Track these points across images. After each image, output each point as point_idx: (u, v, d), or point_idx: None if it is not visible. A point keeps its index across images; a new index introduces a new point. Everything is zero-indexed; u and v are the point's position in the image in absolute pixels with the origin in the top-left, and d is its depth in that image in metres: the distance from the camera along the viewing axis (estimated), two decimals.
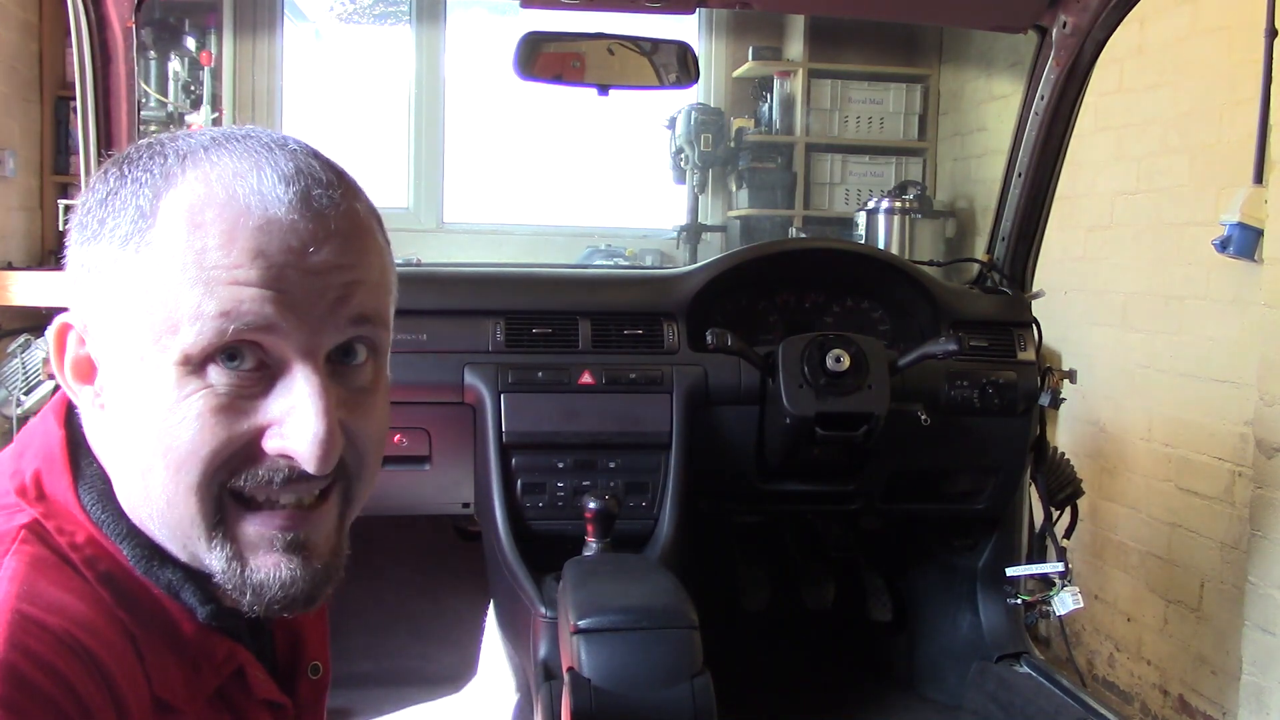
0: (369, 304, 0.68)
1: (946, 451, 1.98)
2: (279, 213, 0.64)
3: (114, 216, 0.66)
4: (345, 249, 0.67)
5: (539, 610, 1.68)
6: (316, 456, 0.64)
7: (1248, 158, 2.54)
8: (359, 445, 0.69)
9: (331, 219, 0.66)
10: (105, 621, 0.64)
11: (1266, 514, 2.46)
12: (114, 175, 0.68)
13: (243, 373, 0.65)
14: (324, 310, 0.66)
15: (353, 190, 0.70)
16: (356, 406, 0.69)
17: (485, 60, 4.70)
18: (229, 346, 0.64)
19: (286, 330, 0.65)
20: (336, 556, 0.70)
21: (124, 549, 0.68)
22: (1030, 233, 2.06)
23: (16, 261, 3.62)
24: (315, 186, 0.66)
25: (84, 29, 1.59)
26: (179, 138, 0.69)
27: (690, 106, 4.59)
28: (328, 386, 0.66)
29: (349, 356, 0.69)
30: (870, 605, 2.30)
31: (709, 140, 4.54)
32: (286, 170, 0.66)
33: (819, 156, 4.69)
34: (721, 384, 1.89)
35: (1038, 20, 1.85)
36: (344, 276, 0.67)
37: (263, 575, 0.67)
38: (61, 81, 3.89)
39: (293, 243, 0.64)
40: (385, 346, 0.73)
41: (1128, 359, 3.09)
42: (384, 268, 0.71)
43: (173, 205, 0.65)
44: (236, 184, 0.65)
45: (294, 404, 0.65)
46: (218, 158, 0.66)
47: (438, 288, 1.94)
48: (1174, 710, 2.86)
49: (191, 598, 0.69)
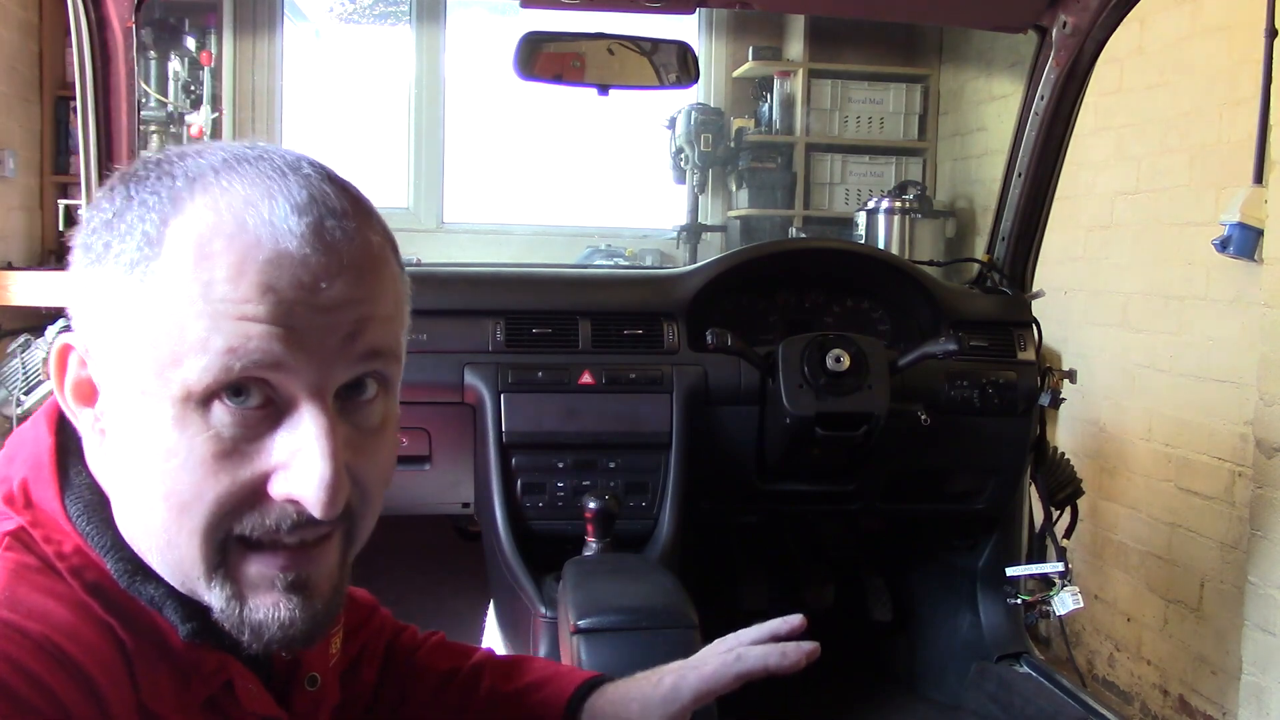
0: (380, 339, 0.66)
1: (946, 451, 1.97)
2: (290, 246, 0.62)
3: (120, 241, 0.64)
4: (358, 283, 0.64)
5: (539, 610, 1.68)
6: (323, 502, 0.63)
7: (1248, 158, 2.54)
8: (364, 486, 0.68)
9: (345, 252, 0.64)
10: (91, 628, 0.63)
11: (1266, 514, 2.46)
12: (120, 195, 0.66)
13: (248, 410, 0.63)
14: (334, 347, 0.64)
15: (368, 218, 0.67)
16: (363, 448, 0.67)
17: (485, 60, 4.71)
18: (235, 383, 0.62)
19: (295, 368, 0.63)
20: (337, 594, 0.69)
21: (108, 561, 0.66)
22: (1030, 233, 2.06)
23: (16, 261, 3.62)
24: (329, 217, 0.64)
25: (84, 29, 1.59)
26: (188, 156, 0.67)
27: (690, 106, 4.59)
28: (335, 427, 0.64)
29: (359, 391, 0.67)
30: (870, 605, 2.30)
31: (709, 140, 4.54)
32: (300, 199, 0.63)
33: (819, 156, 4.69)
34: (721, 384, 1.89)
35: (1038, 20, 1.85)
36: (355, 312, 0.64)
37: (261, 615, 0.65)
38: (61, 81, 3.90)
39: (304, 278, 0.62)
40: (396, 380, 0.70)
41: (1128, 359, 3.09)
42: (398, 299, 0.69)
43: (180, 234, 0.62)
44: (247, 213, 0.62)
45: (300, 445, 0.63)
46: (228, 183, 0.64)
47: (438, 288, 1.94)
48: (1174, 710, 2.86)
49: (173, 615, 0.67)
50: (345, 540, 0.69)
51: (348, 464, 0.65)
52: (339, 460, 0.63)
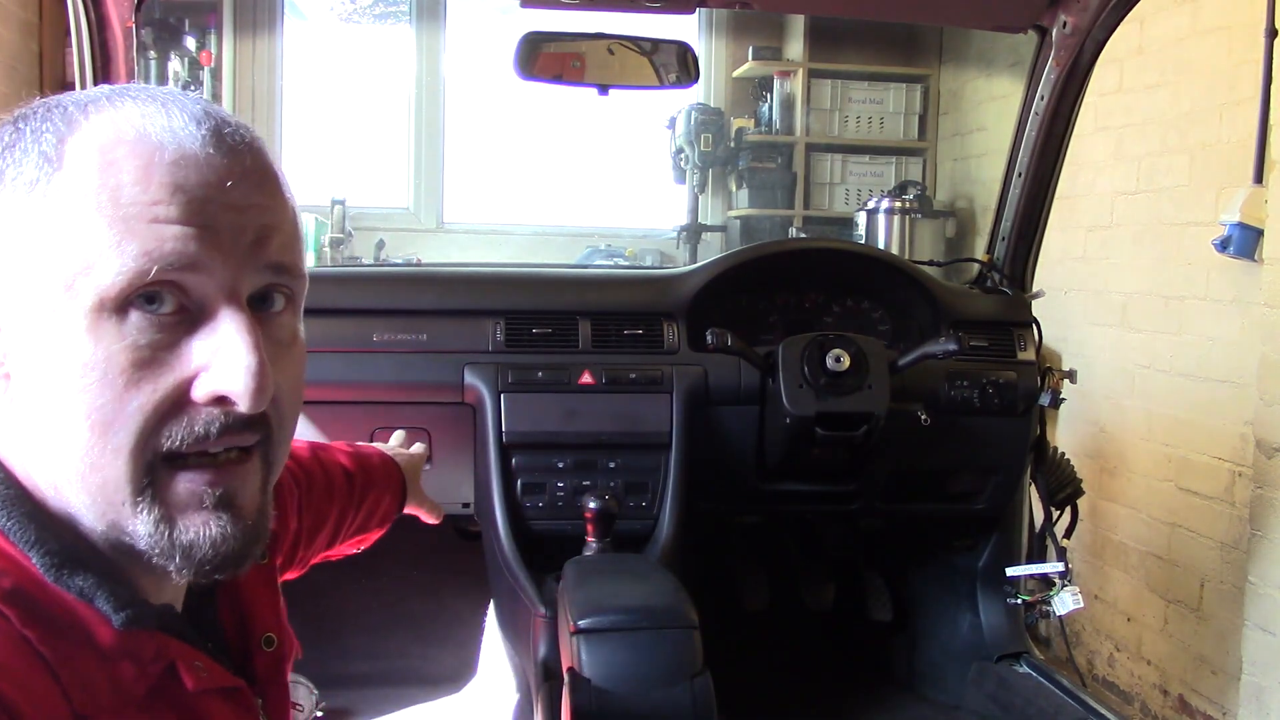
0: (286, 253, 0.67)
1: (946, 451, 1.98)
2: (194, 147, 0.63)
3: (14, 166, 0.63)
4: (261, 187, 0.66)
5: (539, 610, 1.68)
6: (251, 390, 0.62)
7: (1248, 158, 2.54)
8: (278, 400, 0.66)
9: (246, 156, 0.65)
10: (6, 648, 0.59)
11: (1266, 514, 2.46)
12: (9, 131, 0.65)
13: (164, 316, 0.62)
14: (245, 249, 0.64)
15: (260, 139, 0.68)
16: (276, 359, 0.66)
17: (485, 60, 4.71)
18: (149, 288, 0.61)
19: (210, 268, 0.62)
20: (263, 516, 0.68)
21: (33, 557, 0.62)
22: (1030, 233, 2.06)
23: None
24: (224, 126, 0.65)
25: (84, 29, 1.59)
26: (75, 94, 0.67)
27: (690, 106, 4.59)
28: (254, 325, 0.64)
29: (267, 304, 0.67)
30: (870, 605, 2.30)
31: (709, 140, 4.54)
32: (195, 111, 0.65)
33: (819, 156, 4.69)
34: (721, 384, 1.89)
35: (1038, 20, 1.85)
36: (262, 218, 0.65)
37: (192, 534, 0.64)
38: (61, 81, 3.89)
39: (210, 177, 0.62)
40: (301, 299, 0.70)
41: (1128, 359, 3.09)
42: (296, 219, 0.69)
43: (80, 146, 0.62)
44: (146, 123, 0.63)
45: (221, 343, 0.62)
46: (121, 104, 0.64)
47: (438, 288, 1.94)
48: (1174, 710, 2.86)
49: (105, 604, 0.63)
50: (264, 464, 0.68)
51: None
52: (263, 351, 0.63)
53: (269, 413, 0.66)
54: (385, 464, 1.35)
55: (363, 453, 1.31)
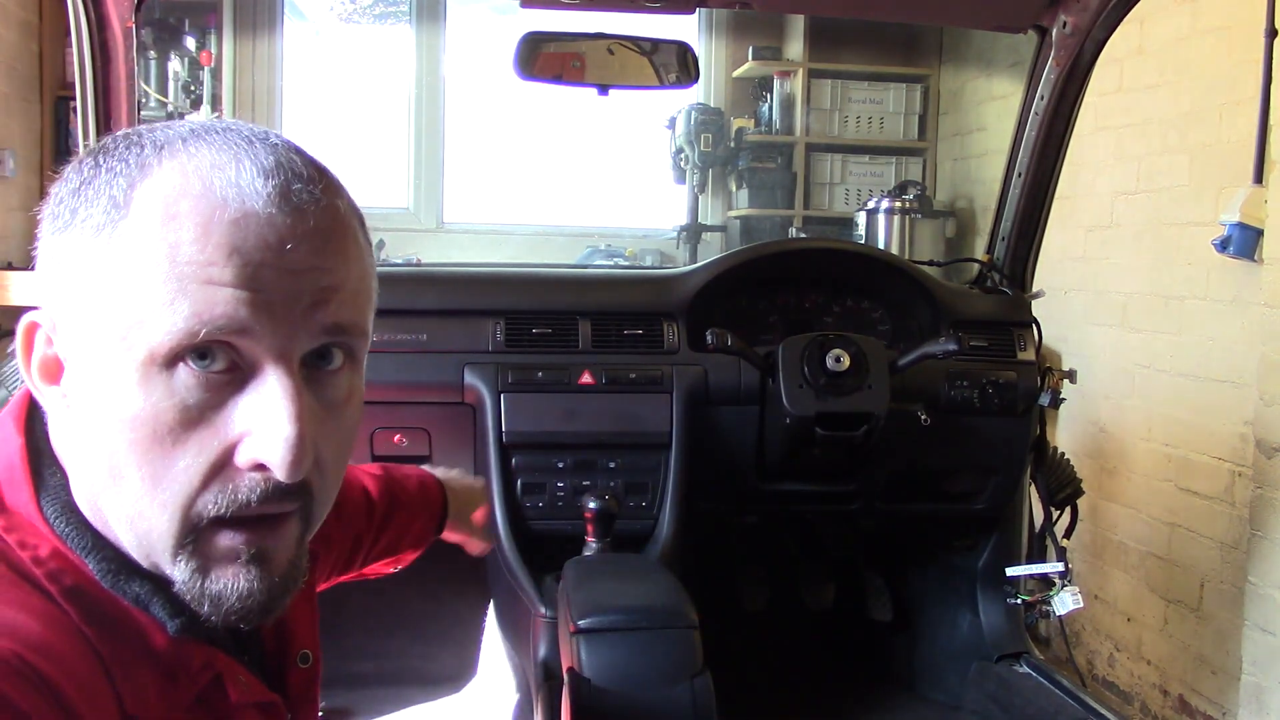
0: (345, 314, 0.66)
1: (946, 451, 1.98)
2: (256, 206, 0.62)
3: (86, 206, 0.64)
4: (324, 248, 0.64)
5: (539, 610, 1.68)
6: (288, 463, 0.62)
7: (1248, 158, 2.54)
8: (323, 463, 0.67)
9: (311, 215, 0.64)
10: (66, 642, 0.61)
11: (1266, 514, 2.46)
12: (89, 165, 0.65)
13: (212, 374, 0.62)
14: (300, 314, 0.63)
15: (334, 187, 0.67)
16: (326, 421, 0.66)
17: (485, 60, 4.70)
18: (199, 347, 0.61)
19: (259, 334, 0.62)
20: (295, 569, 0.68)
21: (90, 562, 0.65)
22: (1030, 233, 2.06)
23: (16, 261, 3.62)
24: (295, 181, 0.64)
25: (84, 29, 1.59)
26: (157, 129, 0.67)
27: (690, 106, 4.59)
28: (301, 391, 0.63)
29: (324, 361, 0.66)
30: (870, 605, 2.30)
31: (709, 140, 4.54)
32: (266, 164, 0.64)
33: (819, 156, 4.69)
34: (721, 384, 1.89)
35: (1038, 20, 1.85)
36: (321, 280, 0.64)
37: (221, 585, 0.65)
38: (61, 81, 3.90)
39: (270, 238, 0.62)
40: (362, 355, 0.70)
41: (1128, 359, 3.09)
42: (364, 273, 0.68)
43: (147, 195, 0.62)
44: (214, 175, 0.62)
45: (265, 409, 0.62)
46: (195, 149, 0.64)
47: (438, 288, 1.94)
48: (1174, 710, 2.86)
49: (161, 611, 0.66)
50: (303, 521, 0.68)
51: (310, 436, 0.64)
52: (304, 422, 0.63)
53: (310, 478, 0.66)
54: (425, 487, 1.33)
55: (396, 475, 1.29)
